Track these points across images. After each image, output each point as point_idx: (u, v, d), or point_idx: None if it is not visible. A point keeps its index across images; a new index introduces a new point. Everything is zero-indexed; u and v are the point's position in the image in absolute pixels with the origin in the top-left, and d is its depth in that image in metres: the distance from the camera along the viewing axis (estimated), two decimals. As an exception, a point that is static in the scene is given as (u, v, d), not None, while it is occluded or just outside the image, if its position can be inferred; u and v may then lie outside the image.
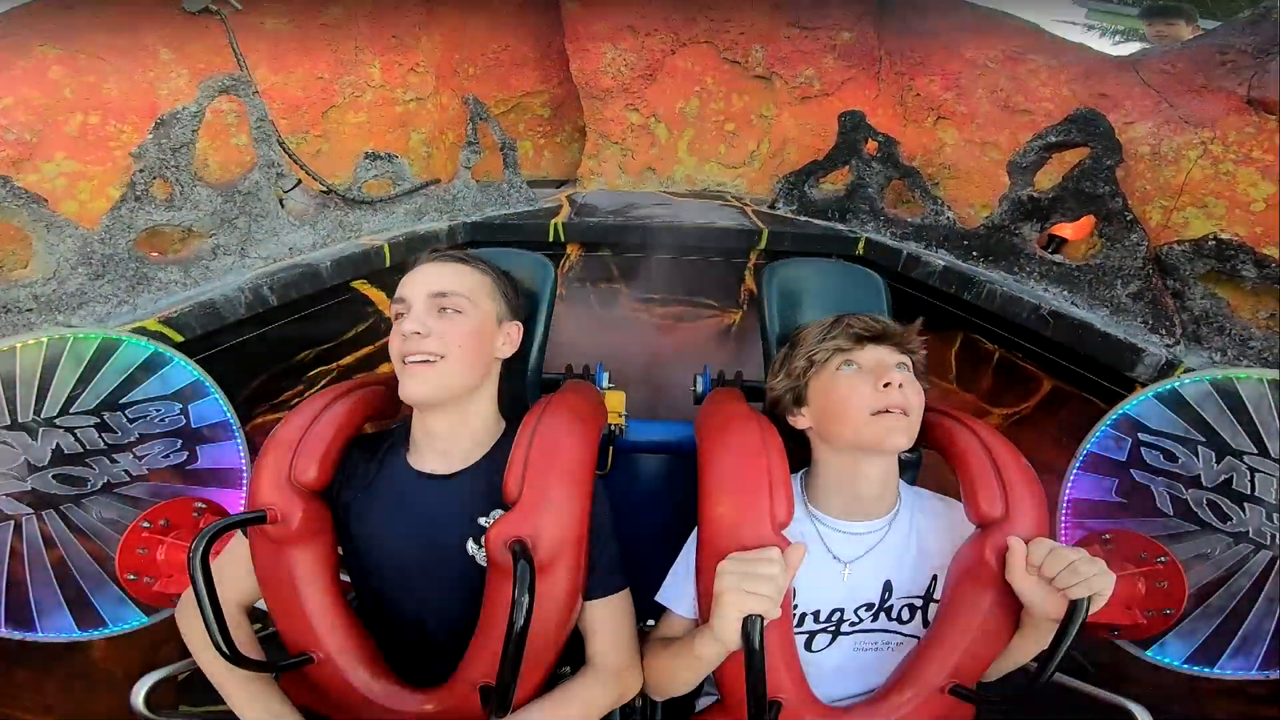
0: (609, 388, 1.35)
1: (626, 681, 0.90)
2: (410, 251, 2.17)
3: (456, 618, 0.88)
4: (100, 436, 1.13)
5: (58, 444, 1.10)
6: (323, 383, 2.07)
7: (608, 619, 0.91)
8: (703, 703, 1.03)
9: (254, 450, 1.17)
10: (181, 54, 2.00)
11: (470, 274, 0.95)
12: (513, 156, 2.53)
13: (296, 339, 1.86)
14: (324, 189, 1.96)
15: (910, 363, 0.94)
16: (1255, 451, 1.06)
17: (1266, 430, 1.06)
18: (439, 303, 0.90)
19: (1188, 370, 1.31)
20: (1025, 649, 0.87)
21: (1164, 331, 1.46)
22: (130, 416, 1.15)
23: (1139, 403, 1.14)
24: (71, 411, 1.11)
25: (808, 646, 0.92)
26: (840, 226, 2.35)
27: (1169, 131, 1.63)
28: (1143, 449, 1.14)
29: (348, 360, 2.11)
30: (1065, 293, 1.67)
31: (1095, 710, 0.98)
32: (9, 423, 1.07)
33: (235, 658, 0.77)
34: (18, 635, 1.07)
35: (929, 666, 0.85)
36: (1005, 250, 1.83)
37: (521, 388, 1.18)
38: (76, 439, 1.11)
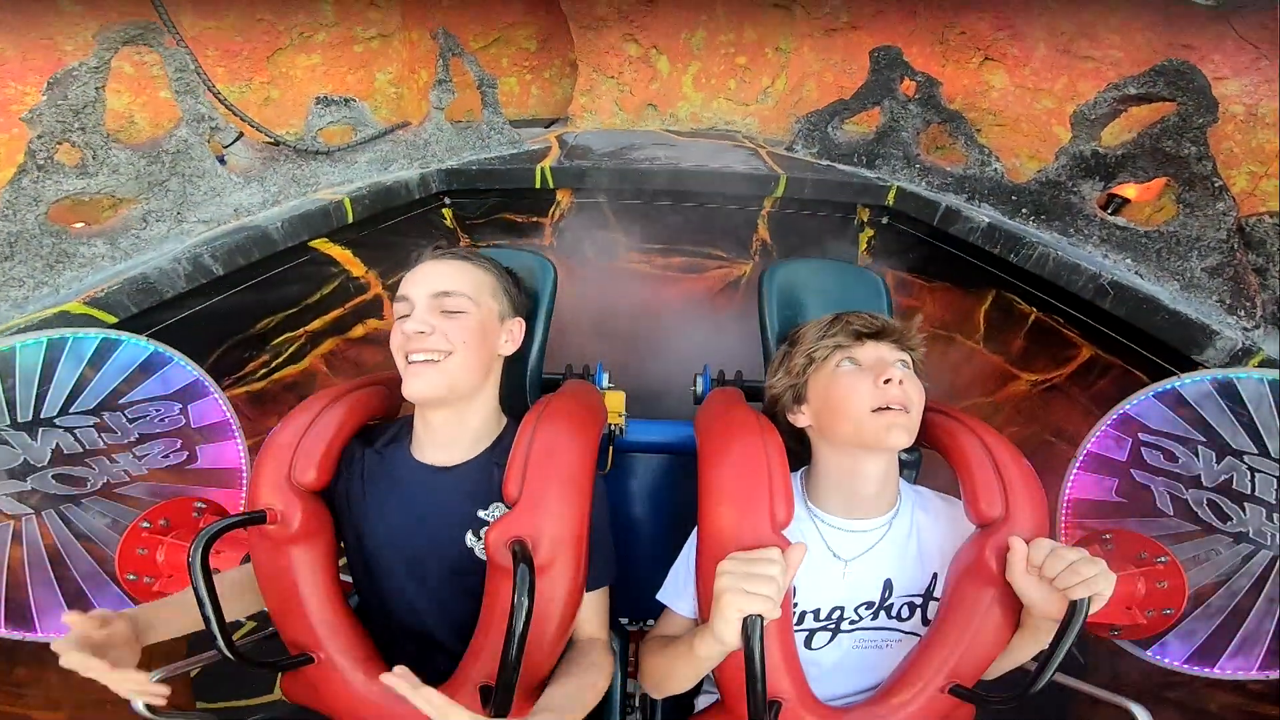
0: (609, 388, 1.35)
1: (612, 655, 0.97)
2: (375, 205, 2.00)
3: (456, 611, 0.88)
4: (100, 436, 1.13)
5: (57, 444, 1.10)
6: (291, 350, 1.93)
7: (598, 607, 0.95)
8: (702, 702, 1.03)
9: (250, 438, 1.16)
10: (88, 4, 1.80)
11: (473, 272, 0.95)
12: (492, 94, 2.30)
13: (253, 308, 1.72)
14: (271, 140, 1.77)
15: (911, 360, 0.93)
16: (1255, 451, 1.06)
17: (1266, 430, 1.06)
18: (442, 303, 0.90)
19: (1266, 363, 1.21)
20: (1025, 649, 0.87)
21: (1242, 313, 1.33)
22: (130, 416, 1.15)
23: (1139, 403, 1.14)
24: (71, 411, 1.10)
25: (807, 644, 0.92)
26: (868, 174, 2.14)
27: (1268, 92, 1.47)
28: (1143, 449, 1.14)
29: (316, 325, 1.97)
30: (1129, 261, 1.52)
31: (1095, 710, 0.98)
32: (9, 423, 1.07)
33: (237, 657, 0.77)
34: (17, 635, 1.07)
35: (929, 666, 0.85)
36: (1060, 209, 1.66)
37: (521, 387, 1.18)
38: (76, 439, 1.11)
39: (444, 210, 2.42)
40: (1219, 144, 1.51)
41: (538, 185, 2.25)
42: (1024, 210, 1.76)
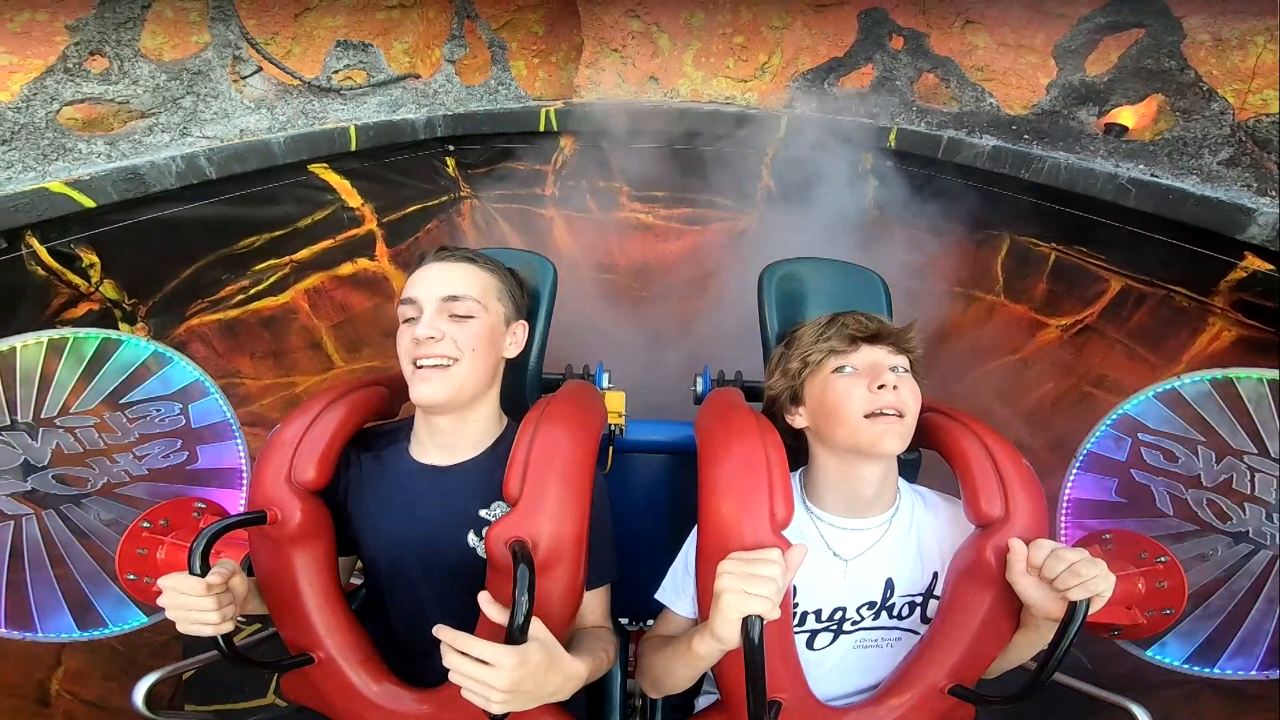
0: (609, 388, 1.35)
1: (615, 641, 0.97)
2: (379, 137, 2.02)
3: (457, 610, 0.88)
4: (100, 436, 1.13)
5: (57, 444, 1.10)
6: (272, 278, 1.89)
7: (601, 602, 0.96)
8: (702, 702, 1.03)
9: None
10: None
11: (480, 275, 0.95)
12: (502, 54, 2.40)
13: (240, 221, 1.70)
14: (291, 76, 1.81)
15: (908, 362, 0.93)
16: (1255, 451, 1.06)
17: (1266, 430, 1.05)
18: (451, 307, 0.90)
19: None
20: (1025, 648, 0.87)
21: (1274, 194, 1.34)
22: (130, 416, 1.15)
23: (1139, 402, 1.14)
24: (71, 411, 1.10)
25: (809, 645, 0.92)
26: (867, 121, 2.20)
27: (1227, 21, 1.54)
28: (1143, 449, 1.13)
29: (303, 254, 1.94)
30: (1141, 167, 1.55)
31: (1095, 710, 0.98)
32: (9, 423, 1.07)
33: (237, 658, 0.78)
34: (17, 635, 1.07)
35: (929, 666, 0.85)
36: (1061, 133, 1.72)
37: (521, 387, 1.18)
38: (76, 439, 1.11)
39: (447, 159, 2.44)
40: (1198, 68, 1.58)
41: (542, 128, 2.29)
42: (1025, 137, 1.81)
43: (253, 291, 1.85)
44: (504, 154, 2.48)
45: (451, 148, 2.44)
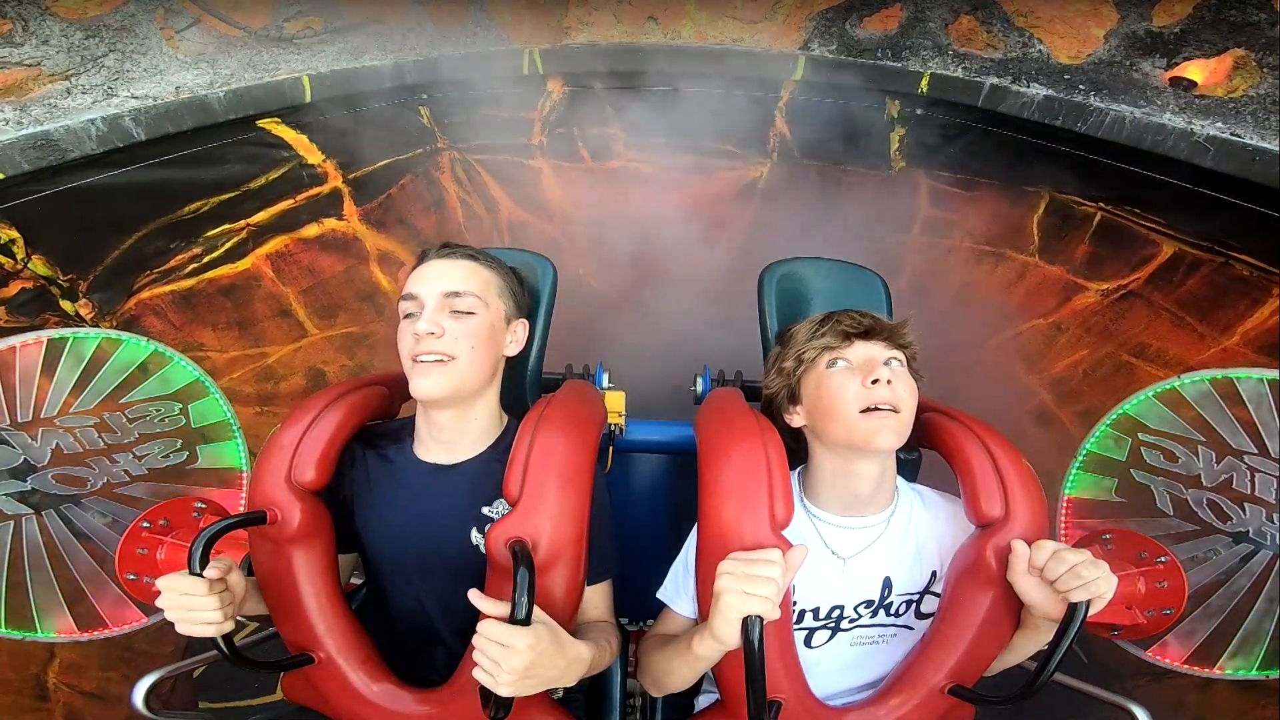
0: (609, 387, 1.35)
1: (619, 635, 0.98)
2: (338, 88, 1.84)
3: (458, 609, 0.88)
4: (100, 436, 1.13)
5: (57, 444, 1.10)
6: (228, 244, 1.74)
7: (603, 598, 0.96)
8: (702, 701, 1.03)
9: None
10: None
11: (481, 272, 0.95)
12: None
13: (181, 184, 1.55)
14: (235, 27, 1.66)
15: (903, 358, 0.93)
16: (1255, 451, 1.06)
17: (1266, 430, 1.05)
18: (452, 303, 0.90)
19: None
20: (1025, 646, 0.87)
21: None
22: (130, 416, 1.15)
23: (1139, 402, 1.14)
24: (71, 411, 1.10)
25: (807, 643, 0.92)
26: (896, 65, 2.00)
27: None
28: (1143, 449, 1.14)
29: (261, 217, 1.78)
30: (1219, 125, 1.43)
31: (1095, 710, 0.98)
32: (9, 423, 1.07)
33: (237, 658, 0.78)
34: (18, 635, 1.07)
35: (929, 666, 0.85)
36: (1123, 84, 1.59)
37: (521, 386, 1.18)
38: (76, 439, 1.11)
39: (420, 108, 2.27)
40: (1281, 22, 1.46)
41: (525, 71, 2.11)
42: (1080, 87, 1.68)
43: (206, 260, 1.72)
44: (485, 100, 2.27)
45: (424, 97, 2.23)
